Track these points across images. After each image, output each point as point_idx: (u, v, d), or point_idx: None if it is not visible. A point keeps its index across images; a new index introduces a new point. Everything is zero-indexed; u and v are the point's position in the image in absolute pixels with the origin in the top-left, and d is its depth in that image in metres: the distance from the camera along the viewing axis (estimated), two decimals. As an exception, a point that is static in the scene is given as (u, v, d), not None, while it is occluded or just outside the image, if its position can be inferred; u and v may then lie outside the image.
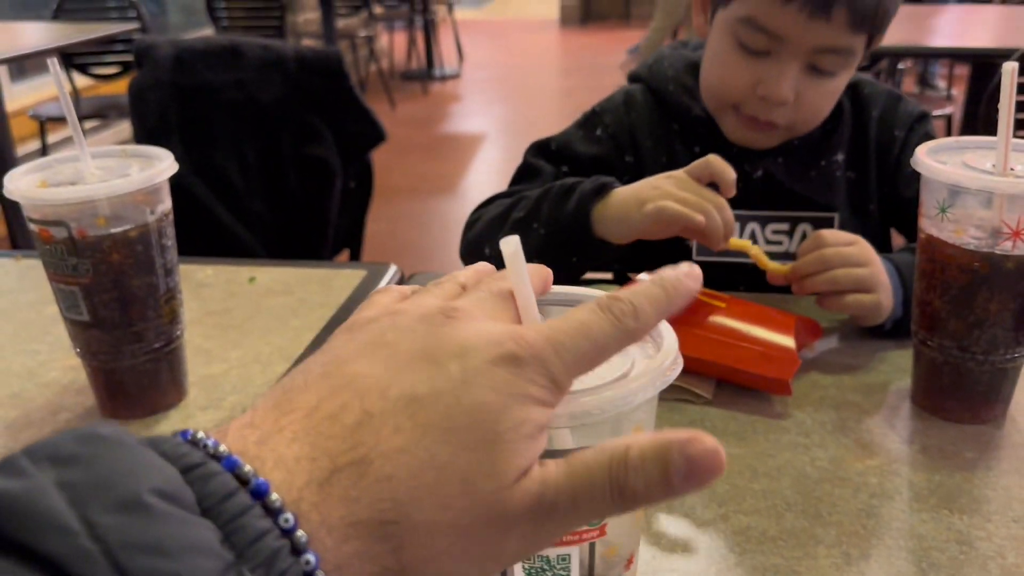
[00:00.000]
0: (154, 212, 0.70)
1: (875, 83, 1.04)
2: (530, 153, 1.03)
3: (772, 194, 0.98)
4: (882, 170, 1.00)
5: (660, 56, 1.06)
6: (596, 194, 0.84)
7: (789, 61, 0.88)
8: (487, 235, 0.93)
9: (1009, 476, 0.65)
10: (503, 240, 0.34)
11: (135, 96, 1.47)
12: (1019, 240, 0.64)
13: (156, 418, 0.75)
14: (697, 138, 1.00)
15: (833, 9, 0.84)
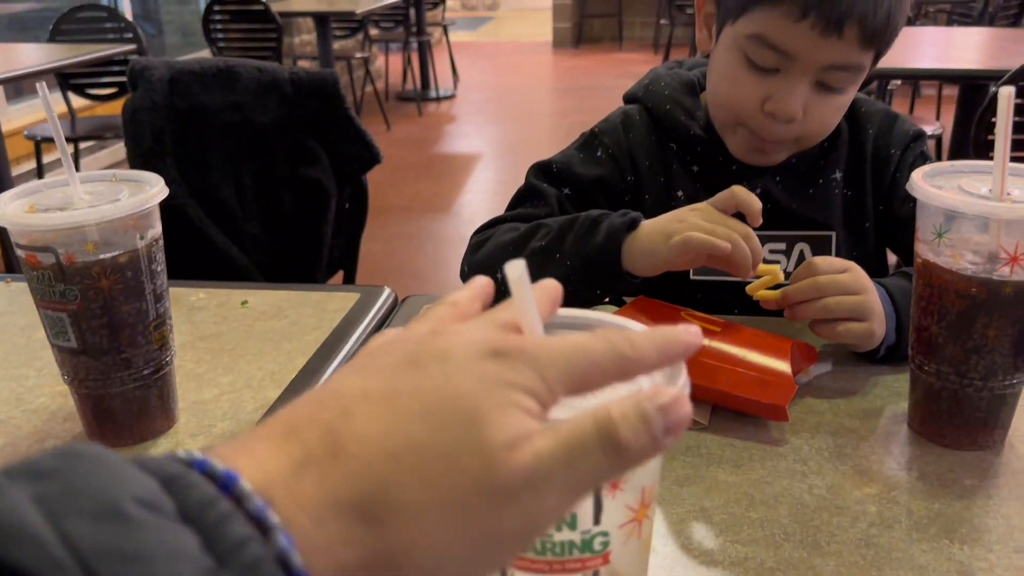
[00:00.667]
0: (144, 237, 0.69)
1: (872, 101, 1.04)
2: (532, 174, 1.02)
3: (770, 213, 0.97)
4: (877, 188, 1.00)
5: (656, 76, 1.05)
6: (627, 228, 0.84)
7: (799, 78, 0.87)
8: (501, 260, 0.91)
9: (1009, 504, 0.64)
10: (508, 264, 0.34)
11: (129, 118, 1.47)
12: (1017, 266, 0.64)
13: (145, 445, 0.73)
14: (695, 157, 1.00)
15: (845, 26, 0.83)
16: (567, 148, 1.04)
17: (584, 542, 0.33)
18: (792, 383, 0.74)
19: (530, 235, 0.91)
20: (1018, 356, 0.67)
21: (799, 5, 0.83)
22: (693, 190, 0.99)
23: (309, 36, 5.81)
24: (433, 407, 0.29)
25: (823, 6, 0.82)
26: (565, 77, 7.39)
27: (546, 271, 0.87)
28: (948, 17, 5.16)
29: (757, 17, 0.87)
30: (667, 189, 1.00)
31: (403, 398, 0.30)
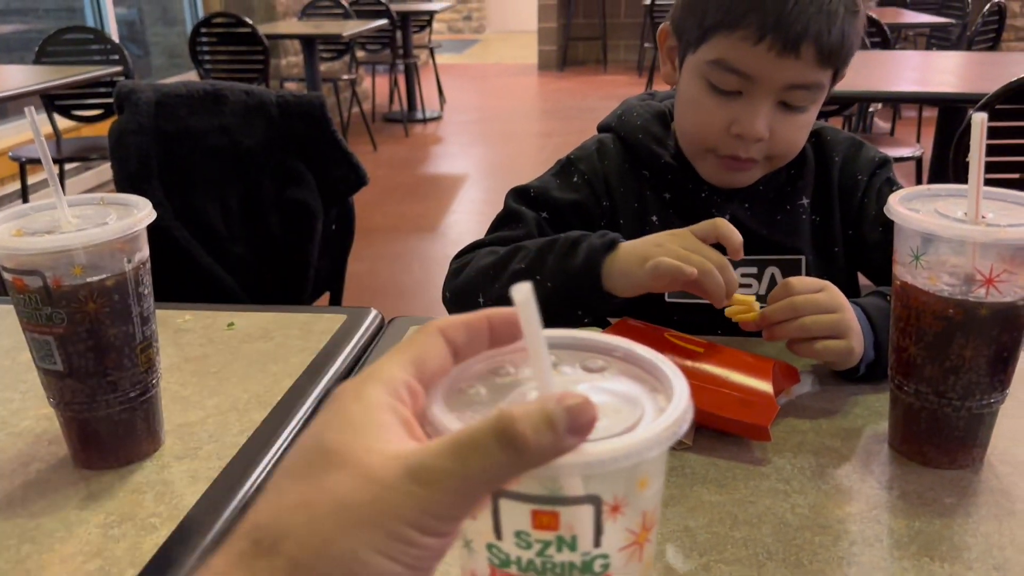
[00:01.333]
0: (131, 260, 0.69)
1: (837, 130, 1.07)
2: (511, 198, 1.04)
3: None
4: (846, 213, 1.03)
5: (629, 107, 1.09)
6: (606, 249, 0.86)
7: (761, 99, 0.90)
8: (481, 284, 0.93)
9: (988, 522, 0.65)
10: (515, 287, 0.34)
11: (116, 141, 1.47)
12: (992, 287, 0.65)
13: (131, 468, 0.73)
14: (666, 184, 1.02)
15: (802, 47, 0.87)
16: (544, 174, 1.06)
17: (584, 563, 0.34)
18: (774, 403, 0.75)
19: (509, 258, 0.92)
20: (995, 376, 0.68)
21: (756, 28, 0.87)
22: (666, 215, 1.01)
23: (296, 58, 5.84)
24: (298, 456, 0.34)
25: (779, 28, 0.86)
26: (550, 99, 7.43)
27: None
28: (927, 41, 5.24)
29: (716, 43, 0.91)
30: (641, 214, 1.02)
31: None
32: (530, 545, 0.33)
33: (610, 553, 0.34)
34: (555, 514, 0.33)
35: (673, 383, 0.36)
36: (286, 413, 0.81)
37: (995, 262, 0.65)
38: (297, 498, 0.31)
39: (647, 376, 0.38)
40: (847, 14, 0.89)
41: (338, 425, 0.33)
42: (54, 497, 0.70)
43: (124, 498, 0.69)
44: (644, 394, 0.37)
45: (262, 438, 0.77)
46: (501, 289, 0.90)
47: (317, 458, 0.32)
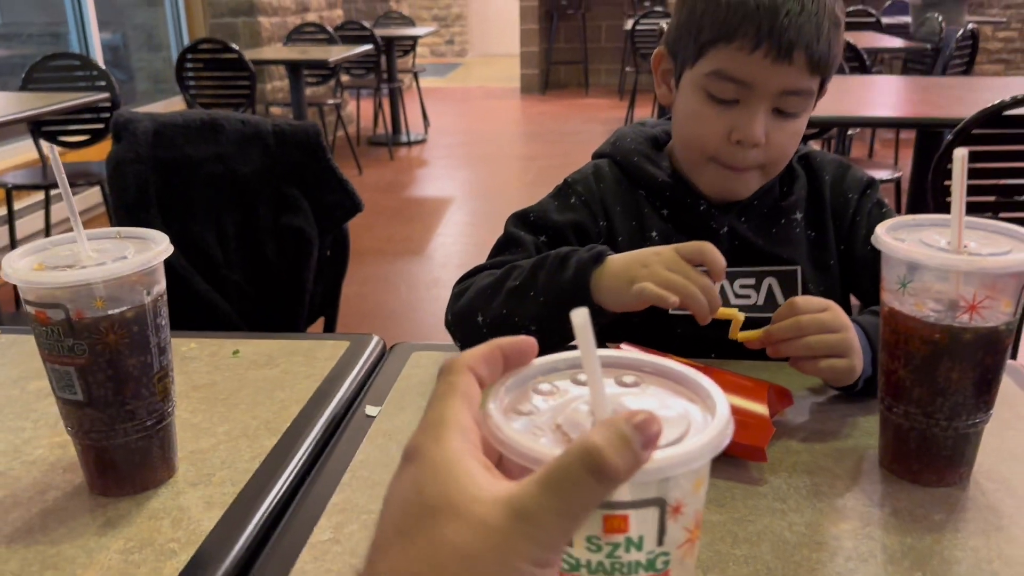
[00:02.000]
0: (150, 293, 0.72)
1: (824, 153, 1.13)
2: (511, 224, 1.07)
3: (738, 250, 1.04)
4: (838, 230, 1.08)
5: (622, 134, 1.14)
6: (594, 262, 0.89)
7: (758, 105, 0.96)
8: (479, 304, 0.96)
9: (976, 537, 0.68)
10: (574, 312, 0.36)
11: (113, 170, 1.49)
12: (975, 313, 0.68)
13: (147, 495, 0.75)
14: (664, 201, 1.07)
15: (794, 53, 0.93)
16: (543, 198, 1.10)
17: (648, 561, 0.36)
18: (770, 425, 0.78)
19: (505, 277, 0.96)
20: (980, 397, 0.72)
21: (751, 38, 0.93)
22: (665, 230, 1.06)
23: (281, 83, 5.87)
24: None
25: (773, 37, 0.92)
26: (533, 122, 7.50)
27: (522, 308, 0.92)
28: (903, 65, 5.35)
29: (714, 56, 0.97)
30: (640, 231, 1.06)
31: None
32: (600, 548, 0.36)
33: (670, 551, 0.37)
34: (625, 517, 0.35)
35: (711, 392, 0.39)
36: (295, 439, 0.83)
37: (977, 289, 0.68)
38: (416, 554, 0.33)
39: (681, 388, 0.41)
40: (832, 26, 0.96)
41: (433, 479, 0.34)
42: (73, 524, 0.71)
43: (142, 524, 0.71)
44: (684, 403, 0.40)
45: (273, 464, 0.79)
46: (498, 308, 0.93)
47: (425, 514, 0.34)
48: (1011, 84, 3.09)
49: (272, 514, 0.73)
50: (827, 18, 0.95)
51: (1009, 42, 7.67)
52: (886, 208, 1.07)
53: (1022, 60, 7.69)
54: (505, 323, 0.93)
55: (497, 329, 0.94)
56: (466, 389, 0.38)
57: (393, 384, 0.95)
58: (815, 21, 0.93)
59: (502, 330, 0.93)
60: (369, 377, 0.98)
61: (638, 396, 0.41)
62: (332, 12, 6.78)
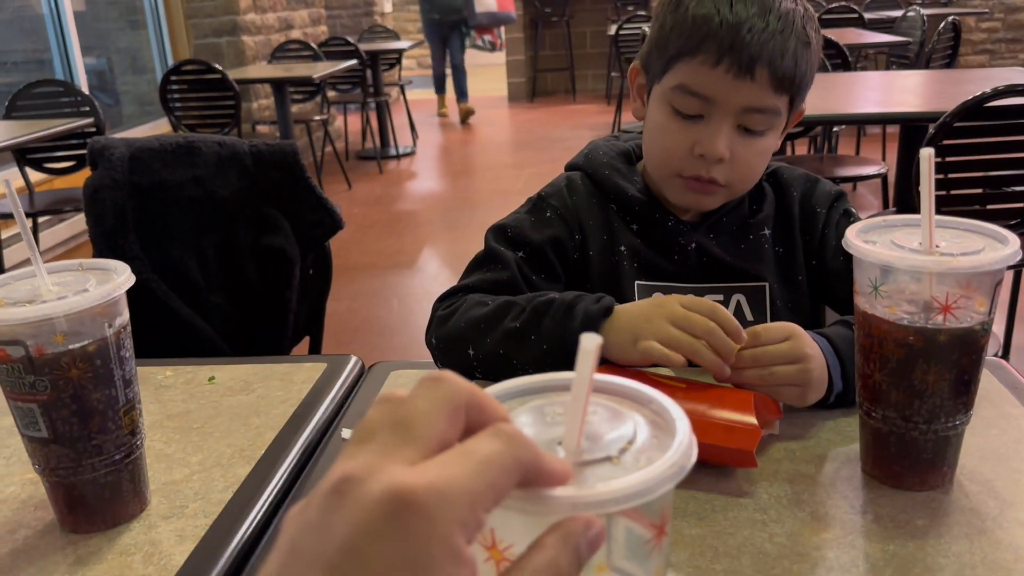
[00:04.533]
0: (112, 325, 0.70)
1: (792, 168, 1.13)
2: (490, 238, 1.07)
3: (706, 267, 1.04)
4: (808, 244, 1.08)
5: (595, 147, 1.14)
6: (602, 316, 0.88)
7: (721, 120, 0.96)
8: (471, 336, 0.94)
9: (960, 542, 0.67)
10: (587, 336, 0.35)
11: (90, 197, 1.48)
12: (949, 314, 0.67)
13: (118, 530, 0.74)
14: (634, 216, 1.07)
15: (756, 70, 0.93)
16: (517, 211, 1.09)
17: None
18: (758, 428, 0.76)
19: (502, 314, 0.94)
20: (958, 398, 0.71)
21: (713, 53, 0.93)
22: (634, 244, 1.05)
23: (267, 101, 5.87)
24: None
25: (734, 52, 0.92)
26: (522, 130, 7.51)
27: (522, 352, 0.90)
28: (887, 60, 5.36)
29: (679, 70, 0.97)
30: (611, 244, 1.06)
31: None
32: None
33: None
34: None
35: (673, 415, 0.40)
36: (270, 467, 0.82)
37: (951, 289, 0.67)
38: None
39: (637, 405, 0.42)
40: (799, 44, 0.95)
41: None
42: (43, 563, 0.70)
43: (113, 561, 0.70)
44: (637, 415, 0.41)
45: (247, 493, 0.78)
46: (494, 346, 0.92)
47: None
48: (993, 75, 3.09)
49: (246, 545, 0.72)
50: (794, 36, 0.94)
51: (992, 32, 7.69)
52: (854, 218, 1.06)
53: (1006, 50, 7.72)
54: (501, 362, 0.92)
55: (490, 366, 0.93)
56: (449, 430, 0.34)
57: (371, 405, 0.94)
58: (780, 38, 0.93)
59: (496, 367, 0.93)
60: (347, 399, 0.97)
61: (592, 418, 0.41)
62: (316, 28, 6.78)
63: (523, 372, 0.92)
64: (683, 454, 0.36)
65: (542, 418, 0.41)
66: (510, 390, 0.42)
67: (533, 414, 0.41)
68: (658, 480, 0.35)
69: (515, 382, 0.42)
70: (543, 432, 0.39)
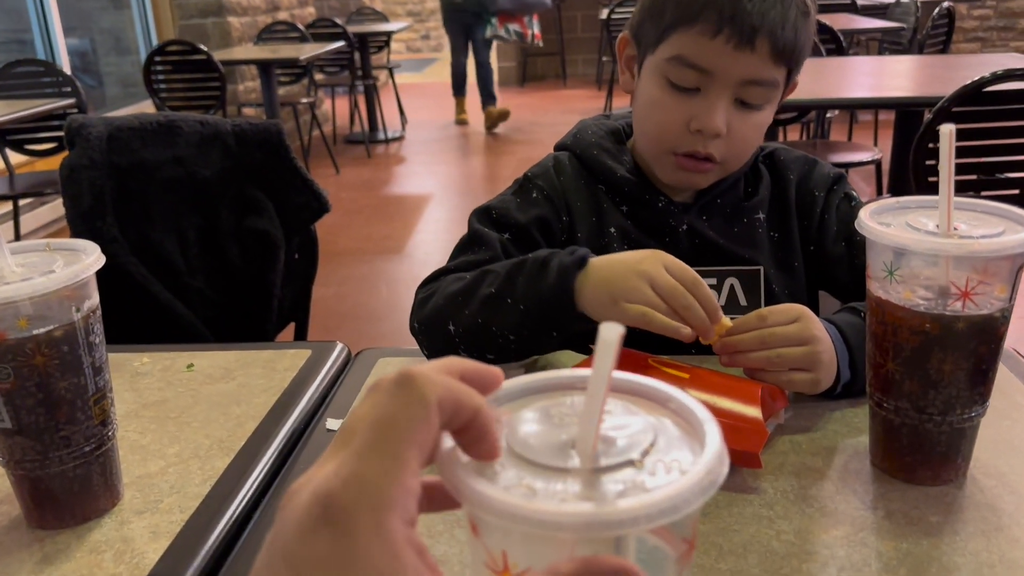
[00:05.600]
0: (80, 309, 0.66)
1: (790, 150, 1.09)
2: (475, 220, 1.03)
3: (698, 249, 1.00)
4: (805, 230, 1.04)
5: (584, 126, 1.10)
6: (577, 267, 0.84)
7: (719, 94, 0.92)
8: (450, 312, 0.90)
9: (976, 539, 0.64)
10: (607, 325, 0.33)
11: (67, 177, 1.43)
12: (968, 300, 0.64)
13: (88, 526, 0.70)
14: (623, 197, 1.03)
15: (757, 40, 0.89)
16: (503, 193, 1.06)
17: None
18: (764, 429, 0.73)
19: (478, 283, 0.90)
20: (974, 389, 0.67)
21: (713, 22, 0.89)
22: (624, 226, 1.02)
23: (253, 83, 5.78)
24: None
25: (735, 22, 0.88)
26: (512, 114, 7.44)
27: (500, 317, 0.86)
28: (880, 45, 5.33)
29: (675, 40, 0.93)
30: (600, 226, 1.02)
31: None
32: None
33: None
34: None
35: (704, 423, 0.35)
36: (250, 459, 0.78)
37: (970, 274, 0.64)
38: None
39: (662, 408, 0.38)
40: (799, 14, 0.92)
41: (365, 569, 0.29)
42: (7, 561, 0.66)
43: (81, 559, 0.66)
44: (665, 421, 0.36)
45: (226, 487, 0.74)
46: (472, 316, 0.88)
47: None
48: (987, 61, 3.06)
49: (223, 542, 0.68)
50: (794, 5, 0.91)
51: (984, 20, 7.67)
52: (855, 201, 1.03)
53: (997, 38, 7.70)
54: (481, 333, 0.88)
55: (472, 339, 0.89)
56: (424, 436, 0.32)
57: (357, 394, 0.90)
58: (780, 7, 0.89)
59: (477, 340, 0.88)
60: (332, 388, 0.93)
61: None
62: (304, 10, 6.69)
63: (503, 339, 0.88)
64: (717, 461, 0.32)
65: (548, 419, 0.36)
66: (512, 391, 0.38)
67: (539, 414, 0.37)
68: (692, 492, 0.31)
69: (517, 381, 0.38)
70: (552, 434, 0.35)
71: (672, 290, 0.78)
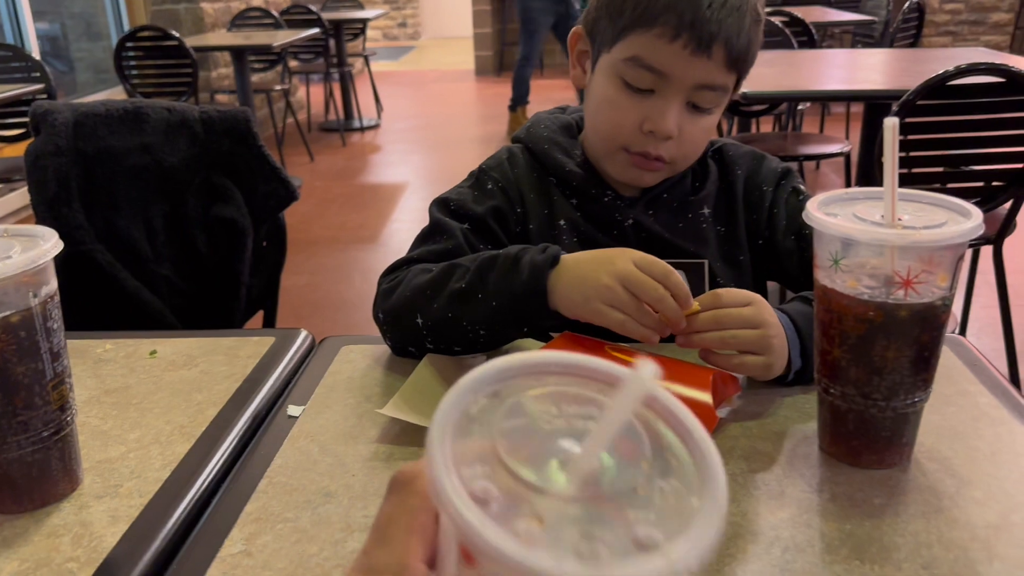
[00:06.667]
0: (38, 295, 0.66)
1: (738, 145, 1.11)
2: (435, 210, 1.04)
3: (644, 243, 1.02)
4: (753, 224, 1.06)
5: (538, 120, 1.11)
6: (549, 265, 0.85)
7: (673, 97, 0.94)
8: (418, 304, 0.90)
9: (916, 521, 0.66)
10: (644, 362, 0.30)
11: (32, 164, 1.42)
12: (911, 289, 0.66)
13: (47, 511, 0.70)
14: (572, 191, 1.05)
15: (713, 47, 0.91)
16: (460, 185, 1.07)
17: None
18: (713, 415, 0.75)
19: (446, 276, 0.90)
20: (918, 375, 0.69)
21: (672, 26, 0.90)
22: (573, 219, 1.04)
23: (227, 70, 5.73)
24: None
25: (694, 27, 0.90)
26: (489, 104, 7.44)
27: (470, 312, 0.87)
28: (852, 38, 5.37)
29: (632, 41, 0.94)
30: (551, 219, 1.04)
31: None
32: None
33: None
34: None
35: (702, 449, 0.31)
36: (211, 444, 0.79)
37: (913, 263, 0.66)
38: None
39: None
40: (752, 22, 0.94)
41: None
42: (-36, 546, 0.66)
43: (40, 543, 0.66)
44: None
45: (186, 471, 0.75)
46: (442, 310, 0.89)
47: None
48: (956, 55, 3.10)
49: (182, 526, 0.69)
50: (749, 13, 0.93)
51: (956, 14, 7.75)
52: (803, 195, 1.05)
53: (968, 32, 7.79)
54: (450, 326, 0.89)
55: (440, 331, 0.89)
56: (425, 519, 0.34)
57: (320, 381, 0.91)
58: (737, 15, 0.91)
59: (446, 333, 0.90)
60: (295, 375, 0.94)
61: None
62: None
63: (474, 333, 0.89)
64: (724, 495, 0.29)
65: (532, 422, 0.32)
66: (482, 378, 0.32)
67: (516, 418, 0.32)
68: (708, 545, 0.27)
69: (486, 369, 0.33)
70: (538, 443, 0.31)
71: (642, 285, 0.80)
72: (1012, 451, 0.74)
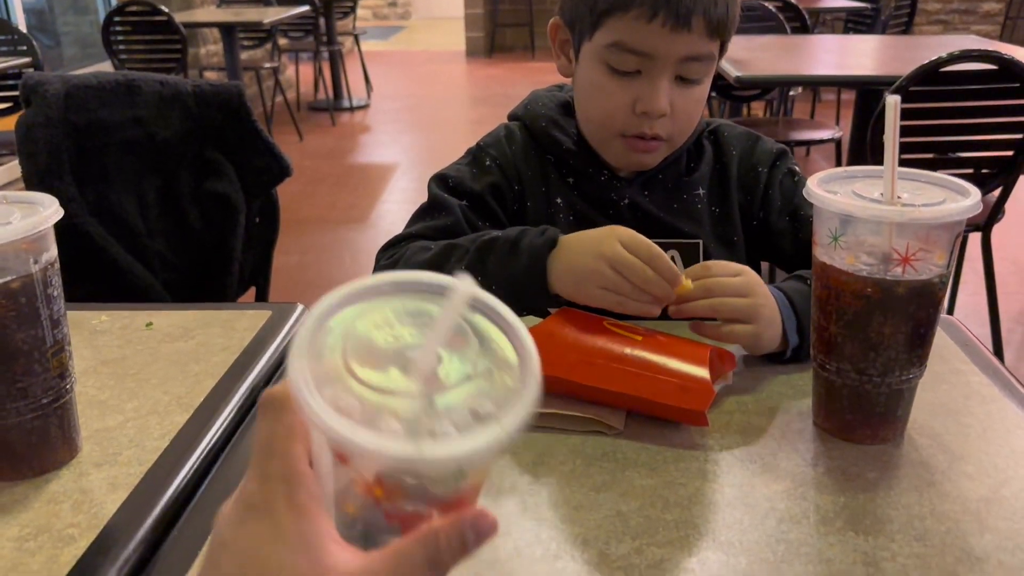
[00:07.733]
0: (38, 261, 0.66)
1: (733, 126, 1.11)
2: (434, 186, 1.04)
3: (639, 222, 1.02)
4: (747, 205, 1.06)
5: (535, 97, 1.12)
6: (547, 248, 0.86)
7: (660, 74, 0.94)
8: None
9: (909, 494, 0.67)
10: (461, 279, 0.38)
11: (23, 135, 1.40)
12: (908, 266, 0.67)
13: (47, 478, 0.70)
14: (569, 169, 1.05)
15: (692, 20, 0.91)
16: (458, 162, 1.08)
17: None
18: (711, 388, 0.75)
19: (445, 256, 0.91)
20: (913, 352, 0.70)
21: (648, 7, 0.91)
22: (570, 198, 1.04)
23: (216, 47, 5.68)
24: None
25: (670, 4, 0.90)
26: (479, 86, 7.42)
27: None
28: (844, 24, 5.37)
29: (611, 26, 0.94)
30: (547, 197, 1.05)
31: None
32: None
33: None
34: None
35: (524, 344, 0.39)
36: (209, 415, 0.79)
37: (911, 240, 0.66)
38: None
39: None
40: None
41: (285, 547, 0.36)
42: (-37, 512, 0.66)
43: (40, 509, 0.66)
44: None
45: (184, 442, 0.75)
46: None
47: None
48: (948, 42, 3.11)
49: (181, 495, 0.69)
50: None
51: (947, 3, 7.76)
52: (798, 176, 1.05)
53: (959, 21, 7.80)
54: None
55: None
56: (302, 429, 0.38)
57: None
58: None
59: None
60: (292, 347, 0.94)
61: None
62: (268, -27, 6.56)
63: None
64: (537, 373, 0.38)
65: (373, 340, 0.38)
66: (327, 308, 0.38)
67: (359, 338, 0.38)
68: (528, 412, 0.36)
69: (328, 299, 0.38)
70: (382, 355, 0.37)
71: (631, 266, 0.80)
72: (1003, 428, 0.76)
